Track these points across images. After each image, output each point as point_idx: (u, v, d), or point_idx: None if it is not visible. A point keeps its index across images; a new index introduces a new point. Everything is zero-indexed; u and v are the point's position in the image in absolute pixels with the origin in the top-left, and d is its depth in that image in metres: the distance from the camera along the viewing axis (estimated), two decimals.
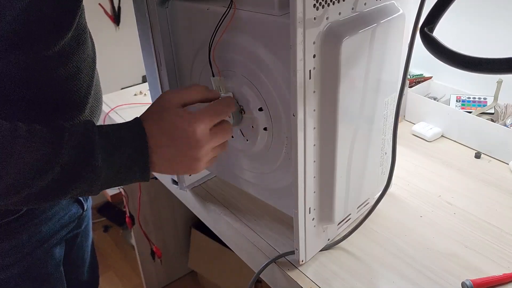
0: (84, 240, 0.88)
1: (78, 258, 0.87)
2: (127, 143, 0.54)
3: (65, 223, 0.76)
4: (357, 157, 0.68)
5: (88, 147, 0.52)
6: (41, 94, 0.59)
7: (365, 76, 0.63)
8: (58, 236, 0.74)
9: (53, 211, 0.72)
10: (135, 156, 0.55)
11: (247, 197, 0.86)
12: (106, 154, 0.53)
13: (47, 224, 0.71)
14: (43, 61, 0.57)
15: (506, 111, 0.97)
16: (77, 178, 0.52)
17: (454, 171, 0.91)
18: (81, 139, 0.52)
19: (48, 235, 0.72)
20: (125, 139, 0.54)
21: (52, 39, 0.57)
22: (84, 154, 0.51)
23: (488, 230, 0.75)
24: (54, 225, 0.73)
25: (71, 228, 0.79)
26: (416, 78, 1.12)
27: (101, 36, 1.88)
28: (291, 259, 0.71)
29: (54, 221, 0.73)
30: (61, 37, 0.58)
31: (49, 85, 0.60)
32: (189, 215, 1.65)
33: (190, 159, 0.59)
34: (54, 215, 0.72)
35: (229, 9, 0.62)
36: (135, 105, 1.30)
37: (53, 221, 0.72)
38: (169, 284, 1.80)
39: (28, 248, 0.69)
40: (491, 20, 0.99)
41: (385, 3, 0.64)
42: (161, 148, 0.56)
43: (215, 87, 0.67)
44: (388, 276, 0.68)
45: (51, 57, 0.58)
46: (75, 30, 0.61)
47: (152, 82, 0.80)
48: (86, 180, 0.52)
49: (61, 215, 0.74)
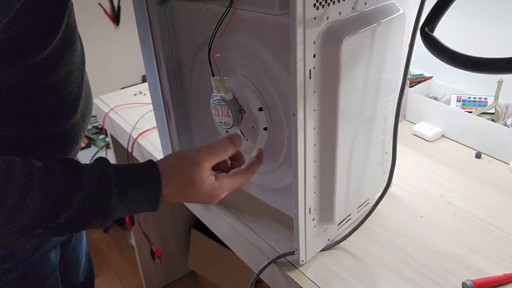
0: (78, 241, 0.87)
1: (73, 259, 0.86)
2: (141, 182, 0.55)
3: None
4: (357, 157, 0.68)
5: (104, 190, 0.53)
6: (31, 101, 0.58)
7: (366, 76, 0.63)
8: (53, 241, 0.73)
9: None
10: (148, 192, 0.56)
11: (247, 197, 0.86)
12: (120, 195, 0.54)
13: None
14: (32, 69, 0.55)
15: (506, 111, 0.97)
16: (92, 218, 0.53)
17: (455, 171, 0.91)
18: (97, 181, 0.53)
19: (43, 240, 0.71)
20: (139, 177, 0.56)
21: (40, 46, 0.55)
22: (100, 196, 0.52)
23: (489, 230, 0.75)
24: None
25: None
26: (417, 78, 1.12)
27: (101, 36, 1.88)
28: (291, 259, 0.71)
29: None
30: (49, 43, 0.56)
31: (39, 91, 0.58)
32: (189, 215, 1.65)
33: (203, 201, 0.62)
34: None
35: (229, 8, 0.61)
36: (134, 105, 1.30)
37: None
38: (169, 284, 1.79)
39: (23, 254, 0.68)
40: (492, 20, 0.99)
41: (386, 2, 0.64)
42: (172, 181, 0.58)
43: (215, 87, 0.67)
44: (388, 276, 0.68)
45: (39, 63, 0.56)
46: (63, 32, 0.59)
47: (152, 82, 0.79)
48: (100, 218, 0.53)
49: None
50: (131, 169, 0.56)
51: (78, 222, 0.52)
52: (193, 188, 0.59)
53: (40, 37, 0.54)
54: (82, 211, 0.52)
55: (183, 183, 0.58)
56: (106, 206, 0.53)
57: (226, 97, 0.67)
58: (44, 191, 0.49)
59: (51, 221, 0.50)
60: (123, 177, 0.55)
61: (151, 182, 0.56)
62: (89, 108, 0.72)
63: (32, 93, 0.57)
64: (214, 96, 0.68)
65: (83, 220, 0.52)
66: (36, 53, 0.55)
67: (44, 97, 0.59)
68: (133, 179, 0.55)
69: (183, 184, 0.58)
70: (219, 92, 0.67)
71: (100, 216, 0.53)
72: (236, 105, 0.67)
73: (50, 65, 0.58)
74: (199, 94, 0.76)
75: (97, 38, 1.86)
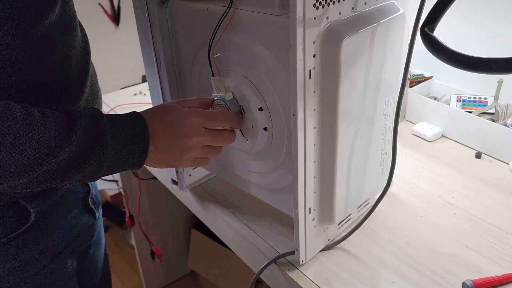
0: (96, 249, 0.86)
1: (91, 267, 0.85)
2: (130, 127, 0.58)
3: (76, 233, 0.74)
4: (357, 157, 0.68)
5: (99, 126, 0.55)
6: (31, 77, 0.59)
7: (366, 76, 0.63)
8: (70, 248, 0.73)
9: (63, 222, 0.71)
10: (136, 139, 0.58)
11: (247, 197, 0.86)
12: (113, 133, 0.56)
13: (58, 236, 0.70)
14: (30, 40, 0.56)
15: (506, 111, 0.97)
16: (89, 154, 0.54)
17: (455, 171, 0.91)
18: (91, 119, 0.55)
19: (60, 248, 0.71)
20: (127, 123, 0.58)
21: (38, 14, 0.56)
22: (96, 132, 0.55)
23: (489, 230, 0.75)
24: (65, 237, 0.72)
25: (83, 238, 0.78)
26: (417, 78, 1.12)
27: (101, 36, 1.88)
28: (291, 259, 0.71)
29: (65, 231, 0.71)
30: (47, 13, 0.57)
31: (37, 67, 0.59)
32: (189, 215, 1.65)
33: (180, 147, 0.62)
34: (64, 226, 0.71)
35: (229, 8, 0.61)
36: (134, 105, 1.30)
37: (64, 232, 0.71)
38: (169, 284, 1.79)
39: (40, 264, 0.67)
40: (492, 20, 0.99)
41: (385, 2, 0.64)
42: (157, 134, 0.60)
43: (215, 87, 0.67)
44: (388, 276, 0.68)
45: (37, 36, 0.57)
46: (62, 15, 0.60)
47: (151, 82, 0.79)
48: (98, 156, 0.55)
49: (72, 225, 0.73)
50: (119, 114, 0.60)
51: (77, 160, 0.53)
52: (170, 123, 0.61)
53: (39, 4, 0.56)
54: (80, 147, 0.53)
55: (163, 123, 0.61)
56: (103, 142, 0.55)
57: (226, 97, 0.67)
58: (45, 125, 0.51)
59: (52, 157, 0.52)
60: (111, 117, 0.58)
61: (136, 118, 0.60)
62: (96, 100, 0.73)
63: (31, 67, 0.58)
64: (214, 96, 0.68)
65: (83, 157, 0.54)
66: (35, 21, 0.56)
67: (43, 75, 0.60)
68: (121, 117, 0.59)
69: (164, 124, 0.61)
70: (219, 92, 0.67)
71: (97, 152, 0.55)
72: (236, 105, 0.67)
73: (48, 41, 0.59)
74: (199, 94, 0.76)
75: (97, 38, 1.86)
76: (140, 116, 0.60)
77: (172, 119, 0.61)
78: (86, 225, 0.77)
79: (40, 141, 0.51)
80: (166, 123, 0.61)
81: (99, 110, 0.58)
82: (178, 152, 0.62)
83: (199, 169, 0.90)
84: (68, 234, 0.72)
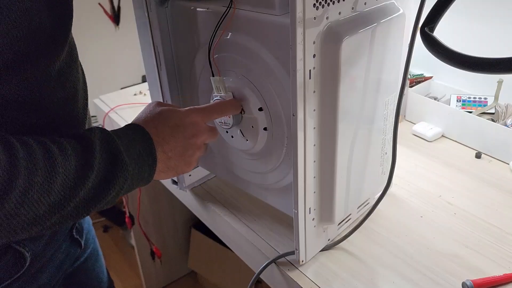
0: (94, 262, 0.84)
1: (92, 279, 0.84)
2: (137, 141, 0.56)
3: (67, 267, 0.73)
4: (357, 157, 0.68)
5: (114, 148, 0.53)
6: (42, 118, 0.56)
7: (365, 76, 0.63)
8: (56, 279, 0.71)
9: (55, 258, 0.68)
10: (145, 154, 0.56)
11: (247, 197, 0.86)
12: (126, 152, 0.54)
13: (51, 272, 0.68)
14: (45, 81, 0.54)
15: (506, 111, 0.97)
16: (112, 178, 0.52)
17: (455, 171, 0.91)
18: (104, 142, 0.53)
19: (53, 283, 0.69)
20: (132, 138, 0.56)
21: (52, 52, 0.54)
22: (113, 155, 0.52)
23: (489, 230, 0.75)
24: (58, 272, 0.70)
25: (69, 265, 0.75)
26: (417, 78, 1.12)
27: (101, 36, 1.88)
28: (291, 259, 0.71)
29: (57, 267, 0.69)
30: (61, 50, 0.55)
31: (49, 108, 0.56)
32: (189, 215, 1.65)
33: (191, 148, 0.61)
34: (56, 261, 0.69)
35: (229, 8, 0.61)
36: (134, 105, 1.30)
37: (56, 267, 0.69)
38: (169, 284, 1.80)
39: None
40: (492, 20, 0.99)
41: (385, 2, 0.64)
42: (164, 139, 0.58)
43: (215, 87, 0.67)
44: (388, 276, 0.68)
45: (52, 76, 0.55)
46: (68, 47, 0.58)
47: (151, 82, 0.79)
48: (120, 178, 0.53)
49: (62, 259, 0.71)
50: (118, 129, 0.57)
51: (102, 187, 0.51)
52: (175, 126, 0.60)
53: (52, 42, 0.53)
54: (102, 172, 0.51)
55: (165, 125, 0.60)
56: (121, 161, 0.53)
57: (226, 97, 0.67)
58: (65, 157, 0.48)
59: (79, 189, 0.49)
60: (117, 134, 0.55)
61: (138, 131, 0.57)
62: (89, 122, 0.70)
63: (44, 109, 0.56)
64: (214, 96, 0.68)
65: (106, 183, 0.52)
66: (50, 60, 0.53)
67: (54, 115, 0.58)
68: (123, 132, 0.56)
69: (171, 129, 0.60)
70: (219, 92, 0.67)
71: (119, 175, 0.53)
72: None
73: (61, 79, 0.57)
74: (199, 94, 0.76)
75: (97, 38, 1.86)
76: (142, 127, 0.58)
77: (176, 122, 0.60)
78: (73, 255, 0.75)
79: (65, 175, 0.48)
80: (172, 126, 0.59)
81: (104, 129, 0.55)
82: (189, 153, 0.61)
83: (199, 169, 0.90)
84: (60, 268, 0.71)
